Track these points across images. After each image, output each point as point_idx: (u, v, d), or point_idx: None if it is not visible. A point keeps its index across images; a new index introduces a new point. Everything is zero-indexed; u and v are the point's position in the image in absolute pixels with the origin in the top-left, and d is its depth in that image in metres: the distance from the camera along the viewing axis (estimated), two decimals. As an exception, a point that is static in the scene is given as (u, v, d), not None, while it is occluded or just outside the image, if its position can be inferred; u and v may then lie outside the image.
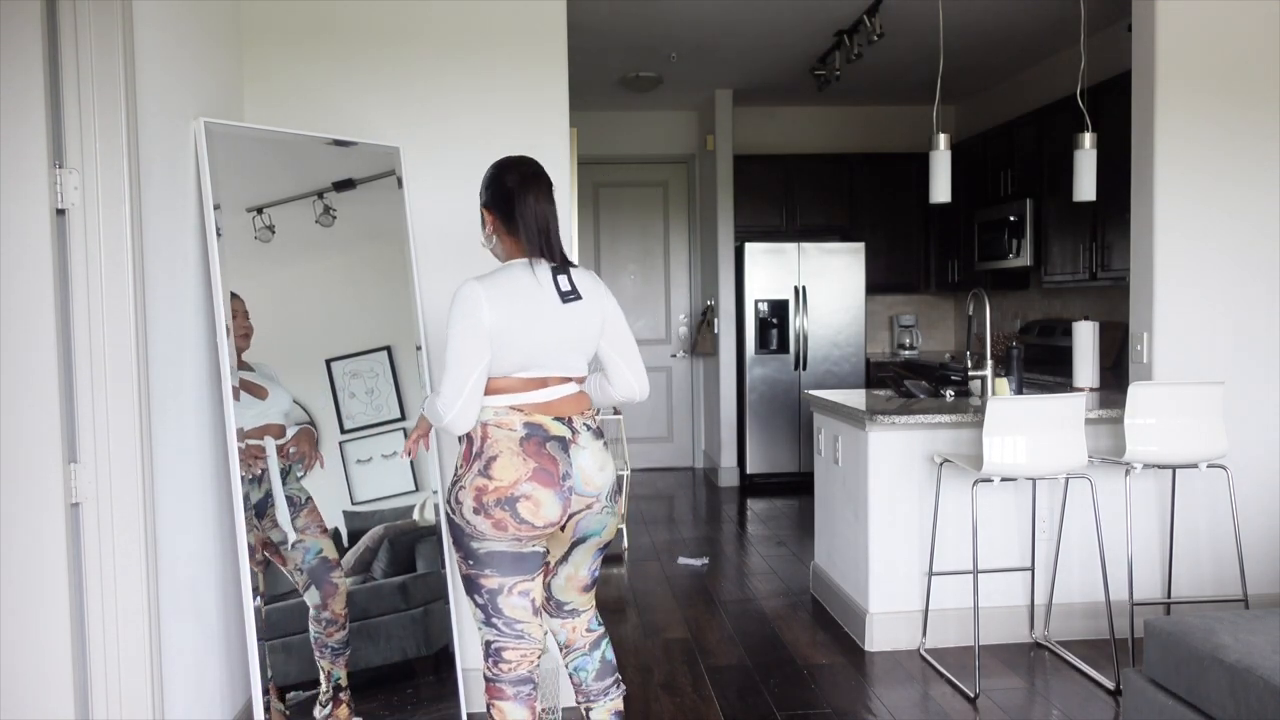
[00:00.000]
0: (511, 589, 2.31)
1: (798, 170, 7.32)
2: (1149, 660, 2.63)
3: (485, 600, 2.32)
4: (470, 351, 2.21)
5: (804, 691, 3.43)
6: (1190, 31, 3.84)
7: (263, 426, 2.75)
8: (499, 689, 2.35)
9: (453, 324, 2.22)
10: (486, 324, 2.21)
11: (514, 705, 2.35)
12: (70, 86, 2.22)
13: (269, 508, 2.75)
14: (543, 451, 2.26)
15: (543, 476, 2.25)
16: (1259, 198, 3.92)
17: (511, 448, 2.25)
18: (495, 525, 2.24)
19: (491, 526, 2.24)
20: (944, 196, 4.10)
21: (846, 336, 7.01)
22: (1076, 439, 3.39)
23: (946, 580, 3.81)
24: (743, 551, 5.38)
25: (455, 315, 2.22)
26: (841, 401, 4.09)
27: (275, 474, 2.77)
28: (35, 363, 2.18)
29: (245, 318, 2.76)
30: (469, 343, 2.21)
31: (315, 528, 2.85)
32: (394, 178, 3.16)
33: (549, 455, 2.27)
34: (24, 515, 2.19)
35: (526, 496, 2.23)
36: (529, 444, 2.26)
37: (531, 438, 2.26)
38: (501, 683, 2.35)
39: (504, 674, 2.35)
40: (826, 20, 5.33)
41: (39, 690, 2.21)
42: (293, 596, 2.79)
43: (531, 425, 2.27)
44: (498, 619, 2.33)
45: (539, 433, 2.27)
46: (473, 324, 2.21)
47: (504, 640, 2.34)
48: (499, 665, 2.35)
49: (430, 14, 3.22)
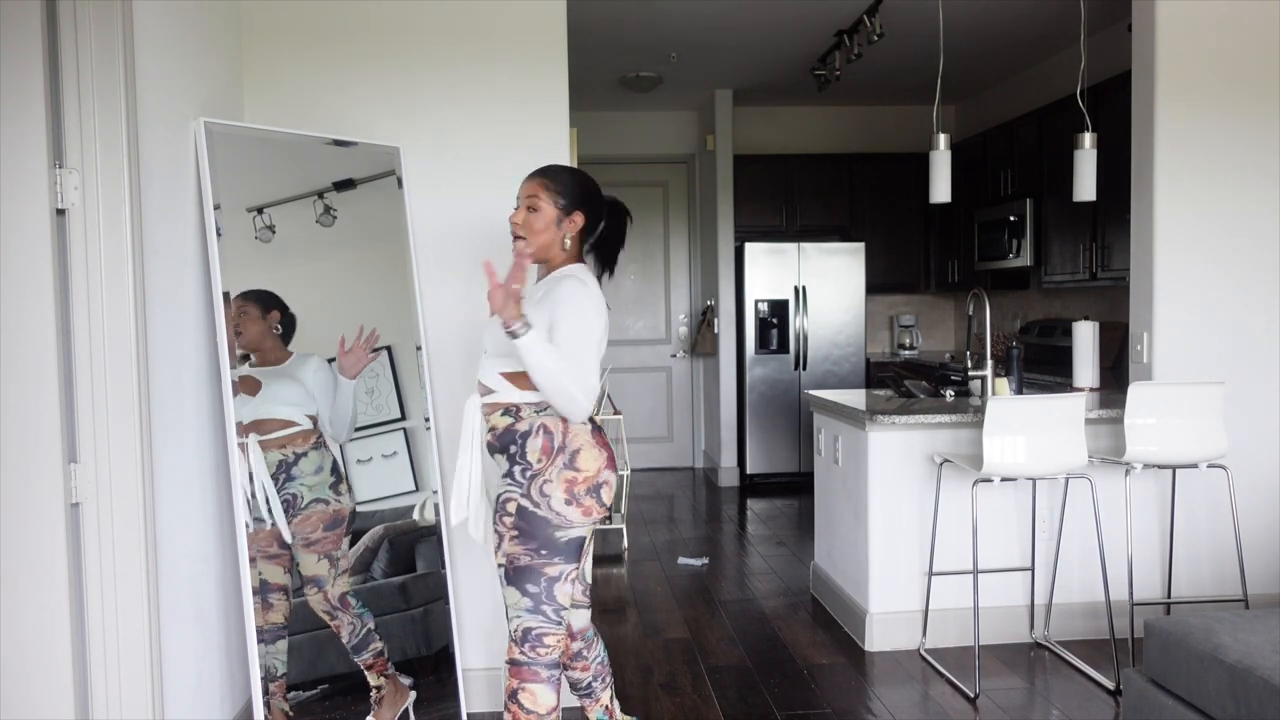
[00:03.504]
0: (567, 576, 2.42)
1: (798, 170, 7.32)
2: (1149, 660, 2.63)
3: (541, 589, 2.38)
4: (600, 347, 2.39)
5: (804, 691, 3.43)
6: (1190, 31, 3.84)
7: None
8: (534, 672, 2.39)
9: (588, 319, 2.34)
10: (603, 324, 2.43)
11: (546, 688, 2.40)
12: (70, 86, 2.22)
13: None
14: (604, 440, 2.47)
15: (612, 463, 2.46)
16: (1259, 197, 3.92)
17: (588, 440, 2.41)
18: (584, 513, 2.39)
19: (581, 514, 2.39)
20: (944, 196, 4.10)
21: (846, 336, 7.01)
22: (1076, 439, 3.39)
23: (946, 580, 3.81)
24: (743, 551, 5.38)
25: (590, 312, 2.35)
26: (841, 401, 4.09)
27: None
28: (35, 363, 2.18)
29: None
30: (599, 339, 2.39)
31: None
32: (394, 178, 3.16)
33: (608, 443, 2.48)
34: (24, 515, 2.20)
35: (606, 483, 2.43)
36: (596, 435, 2.45)
37: (596, 430, 2.45)
38: (538, 666, 2.40)
39: (540, 658, 2.40)
40: (826, 20, 5.33)
41: (39, 690, 2.21)
42: (293, 596, 2.79)
43: (591, 418, 2.44)
44: (548, 606, 2.39)
45: (595, 424, 2.47)
46: (602, 323, 2.40)
47: (547, 626, 2.40)
48: (536, 650, 2.40)
49: (430, 14, 3.22)
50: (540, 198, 2.43)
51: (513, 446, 2.39)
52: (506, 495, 2.40)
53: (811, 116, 7.64)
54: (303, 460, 2.81)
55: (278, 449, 2.76)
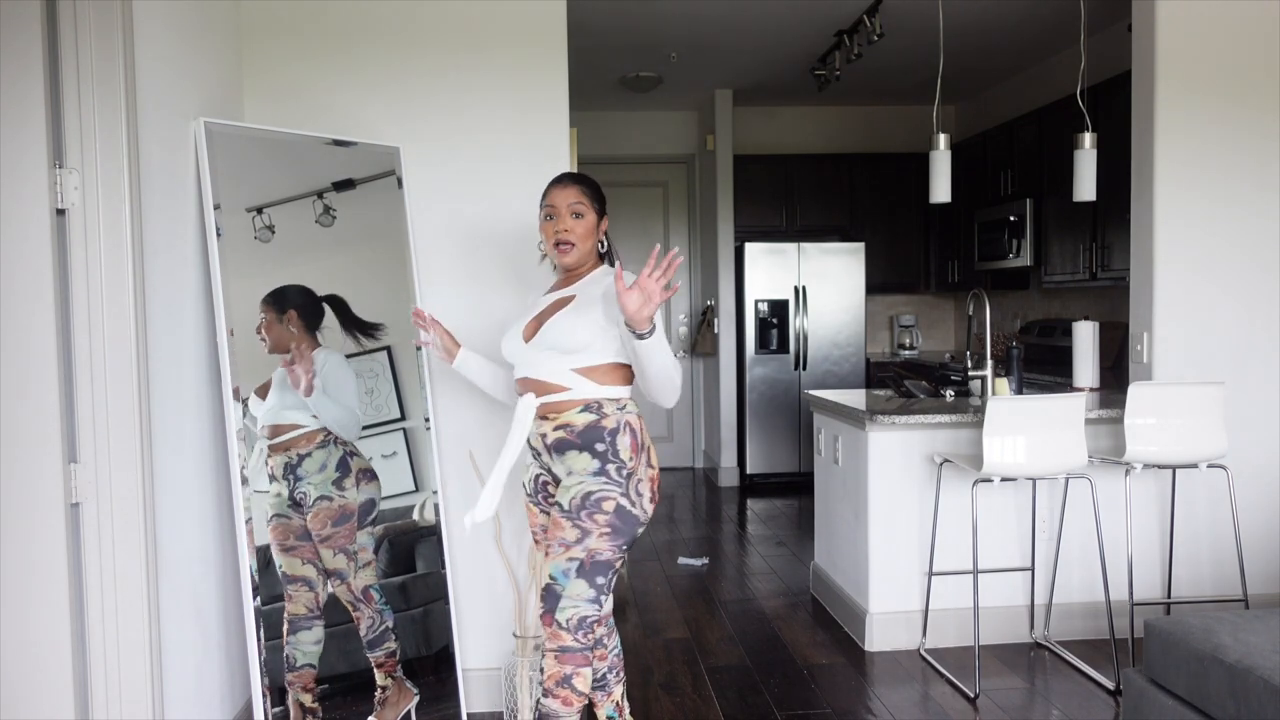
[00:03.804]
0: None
1: (798, 170, 7.32)
2: (1149, 660, 2.63)
3: (608, 580, 2.42)
4: None
5: (804, 691, 3.43)
6: (1190, 31, 3.84)
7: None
8: (585, 657, 2.42)
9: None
10: None
11: (590, 670, 2.46)
12: (70, 86, 2.22)
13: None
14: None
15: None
16: (1259, 197, 3.92)
17: (649, 438, 2.52)
18: (654, 507, 2.51)
19: (652, 510, 2.50)
20: (944, 196, 4.10)
21: (846, 336, 7.01)
22: (1076, 439, 3.39)
23: (946, 580, 3.81)
24: (743, 551, 5.38)
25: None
26: (841, 401, 4.09)
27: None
28: (35, 363, 2.18)
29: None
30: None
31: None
32: (394, 178, 3.16)
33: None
34: (24, 515, 2.20)
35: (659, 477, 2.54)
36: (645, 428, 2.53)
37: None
38: (586, 650, 2.42)
39: (589, 643, 2.44)
40: (826, 20, 5.33)
41: (39, 690, 2.21)
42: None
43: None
44: (605, 596, 2.43)
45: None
46: None
47: (599, 614, 2.43)
48: (587, 636, 2.42)
49: (430, 14, 3.22)
50: (585, 204, 2.51)
51: (599, 444, 2.39)
52: (602, 494, 2.37)
53: (811, 116, 7.64)
54: (306, 460, 2.82)
55: (282, 452, 2.79)
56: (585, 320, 2.40)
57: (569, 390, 2.41)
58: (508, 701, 3.14)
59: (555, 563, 2.39)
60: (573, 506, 2.38)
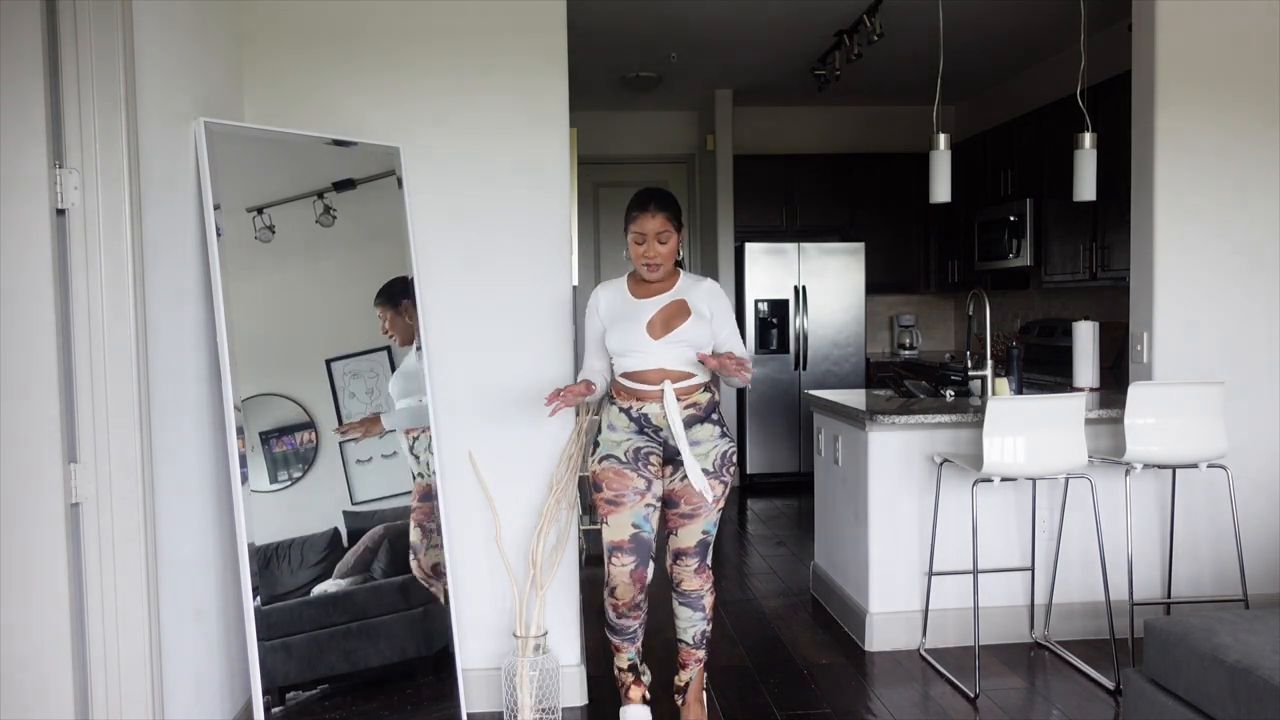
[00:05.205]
0: None
1: (798, 170, 7.32)
2: (1149, 660, 2.63)
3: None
4: None
5: (804, 691, 3.43)
6: (1190, 31, 3.84)
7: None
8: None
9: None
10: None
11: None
12: (70, 86, 2.22)
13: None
14: None
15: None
16: (1259, 197, 3.91)
17: None
18: None
19: None
20: (944, 196, 4.10)
21: (846, 336, 7.01)
22: (1076, 439, 3.39)
23: (946, 580, 3.81)
24: (743, 551, 5.38)
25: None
26: (841, 401, 4.09)
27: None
28: (35, 363, 2.18)
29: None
30: None
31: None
32: (394, 178, 3.16)
33: None
34: (24, 515, 2.20)
35: None
36: None
37: None
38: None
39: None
40: (826, 20, 5.33)
41: (39, 690, 2.21)
42: (293, 596, 2.79)
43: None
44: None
45: None
46: None
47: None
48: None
49: (430, 14, 3.22)
50: (669, 230, 2.89)
51: (715, 415, 2.97)
52: (731, 450, 2.98)
53: (811, 116, 7.63)
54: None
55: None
56: (706, 329, 2.93)
57: (695, 376, 2.92)
58: (507, 702, 3.14)
59: (711, 518, 2.94)
60: (716, 466, 2.93)
